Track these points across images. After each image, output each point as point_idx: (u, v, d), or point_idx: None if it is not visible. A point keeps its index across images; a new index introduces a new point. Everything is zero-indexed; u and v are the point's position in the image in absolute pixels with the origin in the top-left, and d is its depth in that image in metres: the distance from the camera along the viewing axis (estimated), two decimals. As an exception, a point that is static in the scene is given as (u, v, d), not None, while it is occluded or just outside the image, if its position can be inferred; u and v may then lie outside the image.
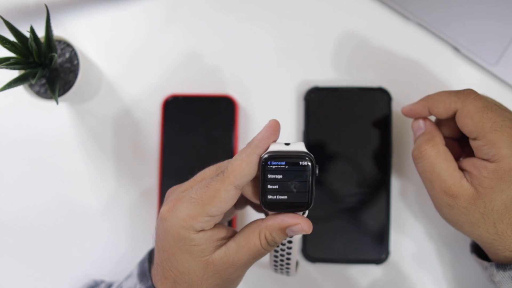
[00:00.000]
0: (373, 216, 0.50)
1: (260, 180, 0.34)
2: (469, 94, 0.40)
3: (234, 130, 0.52)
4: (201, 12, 0.54)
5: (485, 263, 0.42)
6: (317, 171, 0.34)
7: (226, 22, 0.54)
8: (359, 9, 0.53)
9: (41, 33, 0.44)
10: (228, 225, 0.51)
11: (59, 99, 0.47)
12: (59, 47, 0.49)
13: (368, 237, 0.50)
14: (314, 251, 0.50)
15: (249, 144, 0.35)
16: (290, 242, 0.38)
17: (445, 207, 0.41)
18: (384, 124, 0.50)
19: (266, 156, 0.33)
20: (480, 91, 0.41)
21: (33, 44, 0.42)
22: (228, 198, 0.34)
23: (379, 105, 0.51)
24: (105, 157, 0.53)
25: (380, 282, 0.51)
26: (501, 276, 0.40)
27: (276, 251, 0.39)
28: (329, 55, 0.53)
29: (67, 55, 0.49)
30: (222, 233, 0.36)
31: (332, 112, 0.51)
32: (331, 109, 0.51)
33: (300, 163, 0.33)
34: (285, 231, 0.35)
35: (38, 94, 0.48)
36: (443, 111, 0.41)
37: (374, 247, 0.50)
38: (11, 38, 0.43)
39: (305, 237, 0.50)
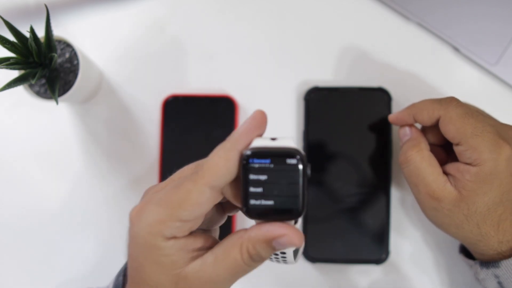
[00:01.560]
0: (373, 216, 0.50)
1: (241, 182, 0.28)
2: (450, 101, 0.42)
3: (234, 130, 0.52)
4: (200, 12, 0.54)
5: (471, 261, 0.44)
6: (309, 171, 0.28)
7: (226, 22, 0.54)
8: (359, 9, 0.53)
9: (41, 33, 0.44)
10: (225, 230, 0.48)
11: (59, 99, 0.47)
12: (59, 47, 0.49)
13: (368, 237, 0.50)
14: (314, 251, 0.50)
15: (228, 138, 0.30)
16: (283, 252, 0.32)
17: (430, 210, 0.42)
18: (384, 124, 0.50)
19: (248, 152, 0.28)
20: (480, 91, 0.41)
21: (33, 44, 0.42)
22: (202, 201, 0.29)
23: (379, 105, 0.51)
24: (105, 157, 0.53)
25: (380, 282, 0.51)
26: (484, 273, 0.42)
27: (270, 258, 0.33)
28: (329, 55, 0.53)
29: (67, 55, 0.49)
30: (198, 242, 0.31)
31: (332, 112, 0.51)
32: (331, 109, 0.51)
33: (288, 161, 0.28)
34: (271, 244, 0.29)
35: (38, 94, 0.48)
36: (427, 118, 0.43)
37: (374, 247, 0.50)
38: (11, 38, 0.43)
39: (305, 237, 0.50)
